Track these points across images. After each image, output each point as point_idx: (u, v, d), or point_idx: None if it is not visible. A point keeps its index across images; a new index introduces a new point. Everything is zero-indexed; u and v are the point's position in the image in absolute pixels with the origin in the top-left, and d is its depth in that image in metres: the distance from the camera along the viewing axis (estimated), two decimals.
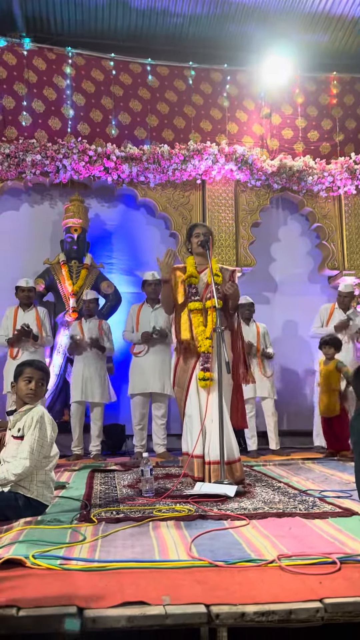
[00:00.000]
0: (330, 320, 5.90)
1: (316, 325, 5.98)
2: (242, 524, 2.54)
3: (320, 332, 5.84)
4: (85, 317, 5.69)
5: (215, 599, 1.62)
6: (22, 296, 5.57)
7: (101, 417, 5.54)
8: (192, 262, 3.99)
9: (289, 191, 6.99)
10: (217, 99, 7.06)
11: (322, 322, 5.96)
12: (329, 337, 5.32)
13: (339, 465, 4.62)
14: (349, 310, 5.94)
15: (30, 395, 2.85)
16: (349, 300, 5.96)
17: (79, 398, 5.44)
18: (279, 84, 7.02)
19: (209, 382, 3.66)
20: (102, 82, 6.82)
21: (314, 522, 2.56)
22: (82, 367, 5.49)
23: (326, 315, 5.96)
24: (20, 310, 5.56)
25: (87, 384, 5.44)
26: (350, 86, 7.42)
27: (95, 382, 5.46)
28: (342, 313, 5.91)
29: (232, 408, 3.87)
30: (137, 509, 2.89)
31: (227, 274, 3.95)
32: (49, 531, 2.44)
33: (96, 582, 1.77)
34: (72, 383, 5.53)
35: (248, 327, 5.76)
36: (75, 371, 5.53)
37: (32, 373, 2.87)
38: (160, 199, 6.70)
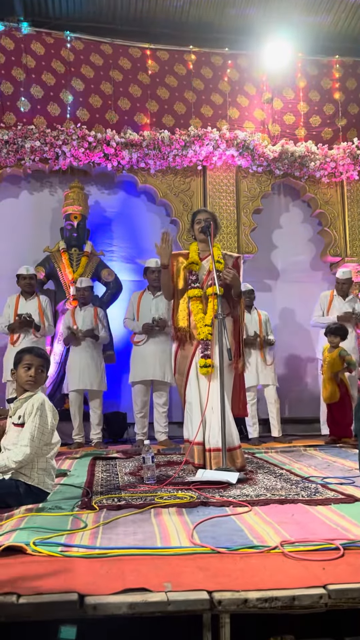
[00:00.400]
0: (330, 308, 5.86)
1: (317, 314, 5.94)
2: (244, 510, 2.53)
3: (321, 320, 5.81)
4: (80, 305, 5.65)
5: (217, 586, 1.60)
6: (23, 284, 5.53)
7: (100, 405, 5.52)
8: (195, 248, 3.95)
9: (290, 177, 6.92)
10: (218, 84, 6.97)
11: (322, 310, 5.93)
12: (336, 326, 5.30)
13: (341, 452, 4.61)
14: (348, 297, 5.90)
15: (30, 383, 2.83)
16: (347, 287, 5.91)
17: (77, 387, 5.42)
18: (280, 67, 6.92)
19: (209, 369, 3.63)
20: (102, 67, 6.72)
21: (316, 509, 2.55)
22: (78, 356, 5.46)
23: (326, 303, 5.92)
24: (21, 299, 5.52)
25: (84, 372, 5.42)
26: (353, 70, 7.31)
27: (92, 371, 5.44)
28: (342, 300, 5.87)
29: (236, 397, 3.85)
30: (139, 496, 2.88)
31: (229, 260, 3.90)
32: (50, 518, 2.43)
33: (97, 569, 1.76)
34: (69, 372, 5.51)
35: (250, 315, 5.72)
36: (72, 360, 5.50)
37: (32, 360, 2.85)
38: (160, 186, 6.64)
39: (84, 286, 5.64)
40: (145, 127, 6.65)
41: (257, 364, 5.61)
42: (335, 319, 5.64)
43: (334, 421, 5.29)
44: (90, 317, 5.56)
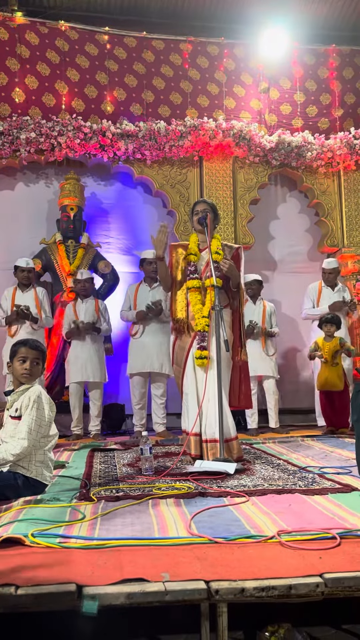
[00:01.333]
0: (320, 299, 5.85)
1: (307, 306, 5.93)
2: (241, 500, 2.54)
3: (313, 312, 5.80)
4: (81, 298, 5.64)
5: (214, 575, 1.61)
6: (21, 276, 5.49)
7: (100, 397, 5.54)
8: (194, 239, 3.94)
9: (287, 167, 6.89)
10: (214, 74, 6.92)
11: (312, 301, 5.92)
12: (331, 316, 5.31)
13: (338, 442, 4.63)
14: (336, 287, 5.89)
15: (26, 375, 2.83)
16: (333, 277, 5.90)
17: (79, 379, 5.43)
18: (276, 57, 6.87)
19: (205, 361, 3.63)
20: (97, 57, 6.67)
21: (313, 498, 2.56)
22: (80, 348, 5.47)
23: (315, 294, 5.91)
24: (18, 291, 5.50)
25: (86, 364, 5.42)
26: (350, 59, 7.27)
27: (94, 362, 5.45)
28: (331, 290, 5.86)
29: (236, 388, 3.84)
30: (137, 487, 2.89)
31: (228, 251, 3.88)
32: (48, 510, 2.43)
33: (95, 560, 1.76)
34: (71, 364, 5.51)
35: (254, 306, 5.74)
36: (73, 352, 5.50)
37: (27, 352, 2.85)
38: (157, 177, 6.61)
39: (84, 278, 5.63)
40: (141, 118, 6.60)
41: (257, 355, 5.60)
42: (327, 309, 5.64)
43: (334, 412, 5.29)
44: (92, 309, 5.56)
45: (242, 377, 3.88)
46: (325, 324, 5.28)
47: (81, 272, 5.71)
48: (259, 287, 5.85)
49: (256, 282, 5.82)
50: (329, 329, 5.27)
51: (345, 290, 5.95)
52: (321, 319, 5.36)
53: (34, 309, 5.36)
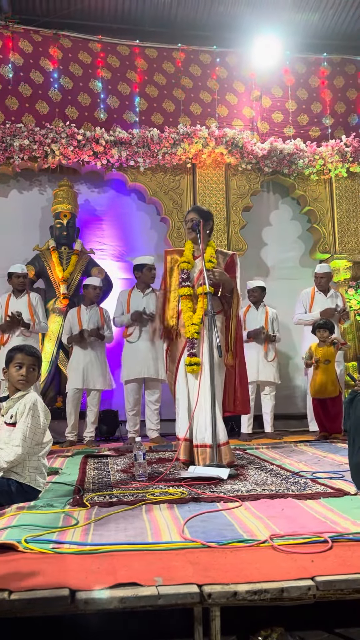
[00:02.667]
0: (312, 304, 5.89)
1: (299, 311, 5.97)
2: (234, 505, 2.55)
3: (304, 318, 5.84)
4: (85, 304, 5.65)
5: (207, 579, 1.62)
6: (16, 282, 5.49)
7: (98, 403, 5.55)
8: (189, 246, 3.96)
9: (279, 175, 6.95)
10: (207, 82, 6.98)
11: (304, 307, 5.96)
12: (324, 321, 5.35)
13: (331, 447, 4.65)
14: (329, 292, 5.94)
15: (22, 382, 2.83)
16: (325, 281, 5.94)
17: (79, 385, 5.42)
18: (268, 65, 6.94)
19: (195, 368, 3.65)
20: (90, 65, 6.72)
21: (306, 503, 2.58)
22: (82, 354, 5.46)
23: (307, 299, 5.95)
24: (12, 297, 5.50)
25: (88, 371, 5.42)
26: (340, 68, 7.35)
27: (97, 369, 5.46)
28: (323, 296, 5.90)
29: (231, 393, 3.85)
30: (130, 492, 2.90)
31: (222, 258, 3.91)
32: (41, 516, 2.44)
33: (88, 565, 1.77)
34: (72, 370, 5.50)
35: (257, 312, 5.78)
36: (75, 358, 5.50)
37: (23, 359, 2.85)
38: (150, 184, 6.64)
39: (95, 284, 5.64)
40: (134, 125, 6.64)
41: (258, 360, 5.64)
42: (318, 316, 5.68)
43: (328, 417, 5.31)
44: (97, 317, 5.57)
45: (238, 382, 3.88)
46: (318, 329, 5.32)
47: (90, 279, 5.71)
48: (262, 294, 5.90)
49: (259, 288, 5.87)
50: (322, 334, 5.30)
51: (338, 296, 5.99)
52: (314, 325, 5.39)
53: (27, 314, 5.35)
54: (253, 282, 5.95)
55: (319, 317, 5.63)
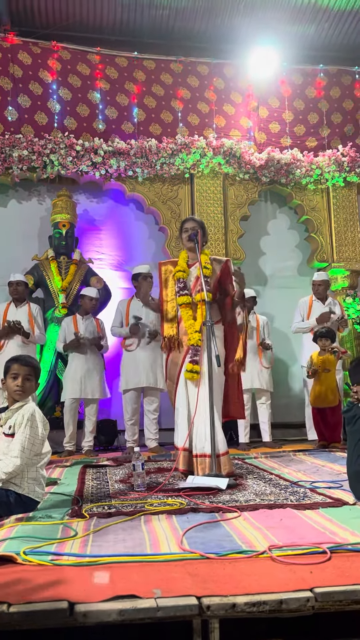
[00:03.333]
0: (310, 313, 5.91)
1: (297, 320, 5.99)
2: (233, 516, 2.55)
3: (302, 326, 5.85)
4: (81, 314, 5.66)
5: (206, 591, 1.62)
6: (10, 290, 5.53)
7: (96, 413, 5.55)
8: (184, 256, 4.00)
9: (277, 184, 7.00)
10: (204, 93, 7.04)
11: (302, 316, 5.98)
12: (325, 330, 5.36)
13: (330, 456, 4.65)
14: (327, 300, 5.96)
15: (18, 392, 2.84)
16: (323, 289, 5.97)
17: (77, 395, 5.42)
18: (265, 76, 7.01)
19: (195, 375, 3.66)
20: (88, 76, 6.77)
21: (305, 513, 2.58)
22: (79, 364, 5.46)
23: (305, 308, 5.97)
24: (12, 306, 5.52)
25: (85, 380, 5.43)
26: (337, 79, 7.42)
27: (94, 379, 5.46)
28: (321, 304, 5.92)
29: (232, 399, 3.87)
30: (129, 503, 2.90)
31: (217, 264, 3.94)
32: (40, 527, 2.43)
33: (87, 577, 1.77)
34: (68, 379, 5.50)
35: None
36: (72, 368, 5.50)
37: (18, 369, 2.86)
38: (148, 194, 6.68)
39: (95, 296, 5.66)
40: (132, 136, 6.69)
41: (253, 368, 5.64)
42: (315, 322, 5.69)
43: (327, 426, 5.30)
44: (92, 327, 5.58)
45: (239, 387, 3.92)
46: (320, 337, 5.33)
47: (88, 289, 5.73)
48: (253, 303, 5.92)
49: (252, 298, 5.89)
50: (323, 342, 5.31)
51: (336, 304, 6.02)
52: (315, 333, 5.40)
53: (26, 324, 5.37)
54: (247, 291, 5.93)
55: (315, 324, 5.65)
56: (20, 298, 5.53)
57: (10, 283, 5.53)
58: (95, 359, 5.55)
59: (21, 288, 5.54)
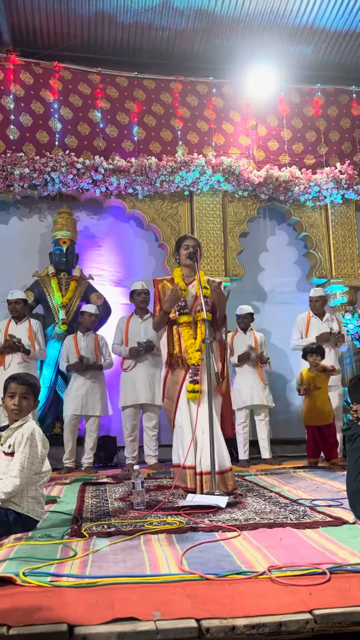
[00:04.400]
0: (309, 330, 5.93)
1: (295, 337, 6.01)
2: (233, 535, 2.55)
3: (301, 343, 5.87)
4: (82, 331, 5.68)
5: (205, 613, 1.62)
6: (9, 309, 5.56)
7: (97, 430, 5.54)
8: (179, 273, 4.02)
9: (276, 201, 7.06)
10: (204, 111, 7.13)
11: (300, 332, 6.00)
12: (316, 346, 5.37)
13: (330, 473, 4.64)
14: (324, 316, 5.98)
15: (15, 411, 2.85)
16: (320, 305, 6.01)
17: (77, 412, 5.42)
18: (264, 95, 7.11)
19: (197, 395, 3.67)
20: (89, 96, 6.87)
21: (304, 532, 2.58)
22: (82, 381, 5.47)
23: (303, 325, 5.99)
24: (12, 323, 5.54)
25: (87, 397, 5.43)
26: (334, 98, 7.53)
27: (95, 396, 5.47)
28: (319, 320, 5.95)
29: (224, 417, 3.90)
30: (129, 522, 2.89)
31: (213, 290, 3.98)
32: (39, 547, 2.43)
33: (87, 599, 1.77)
34: (70, 395, 5.50)
35: (245, 336, 5.82)
36: (75, 385, 5.51)
37: (15, 388, 2.87)
38: (148, 211, 6.74)
39: (93, 312, 5.69)
40: (132, 154, 6.77)
41: (252, 384, 5.65)
42: (314, 340, 5.71)
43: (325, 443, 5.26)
44: (92, 343, 5.60)
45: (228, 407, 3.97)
46: (310, 354, 5.32)
47: (89, 306, 5.76)
48: (251, 320, 5.95)
49: (249, 315, 5.92)
50: (314, 359, 5.31)
51: (334, 320, 6.05)
52: (305, 350, 5.40)
53: (26, 340, 5.38)
54: (245, 307, 5.97)
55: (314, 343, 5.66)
56: (20, 315, 5.55)
57: (9, 302, 5.55)
58: (96, 376, 5.56)
59: (19, 306, 5.56)
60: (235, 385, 5.72)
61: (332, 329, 5.85)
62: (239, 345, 5.78)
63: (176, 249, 4.10)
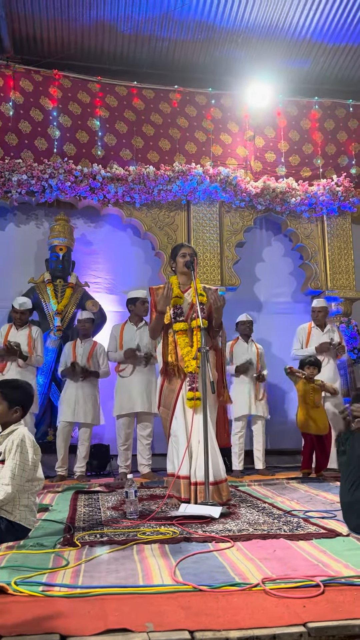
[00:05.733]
0: (309, 340, 5.95)
1: (296, 347, 6.03)
2: (226, 546, 2.54)
3: (301, 353, 5.89)
4: (81, 338, 5.68)
5: (199, 625, 1.61)
6: (15, 317, 5.55)
7: (89, 438, 5.52)
8: (175, 281, 4.03)
9: (272, 212, 7.10)
10: (202, 122, 7.18)
11: (300, 343, 6.02)
12: (312, 358, 5.38)
13: (323, 485, 4.63)
14: (325, 327, 6.01)
15: None
16: (322, 316, 6.04)
17: (70, 419, 5.40)
18: (262, 107, 7.17)
19: (197, 402, 3.67)
20: (89, 104, 6.90)
21: (298, 544, 2.57)
22: (75, 388, 5.46)
23: (304, 335, 6.02)
24: (13, 328, 5.53)
25: (79, 404, 5.41)
26: (331, 111, 7.60)
27: (88, 404, 5.45)
28: (320, 331, 5.97)
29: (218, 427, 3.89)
30: (121, 531, 2.87)
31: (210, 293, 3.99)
32: (31, 556, 2.41)
33: (79, 609, 1.75)
34: (63, 403, 5.48)
35: (247, 345, 5.84)
36: (69, 391, 5.49)
37: None
38: (145, 219, 6.76)
39: (85, 318, 5.69)
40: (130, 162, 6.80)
41: (249, 395, 5.65)
42: (314, 351, 5.73)
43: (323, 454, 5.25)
44: (88, 350, 5.58)
45: (225, 416, 3.98)
46: (307, 366, 5.34)
47: (82, 313, 5.75)
48: (252, 328, 5.98)
49: (250, 322, 5.95)
50: (311, 371, 5.32)
51: (335, 331, 6.07)
52: (302, 361, 5.42)
53: (25, 347, 5.37)
54: (244, 315, 6.03)
55: (314, 353, 5.69)
56: (23, 324, 5.55)
57: (16, 310, 5.53)
58: (90, 384, 5.54)
59: (25, 316, 5.58)
60: (232, 395, 5.71)
61: (332, 340, 5.87)
62: (240, 354, 5.79)
63: (172, 257, 4.11)
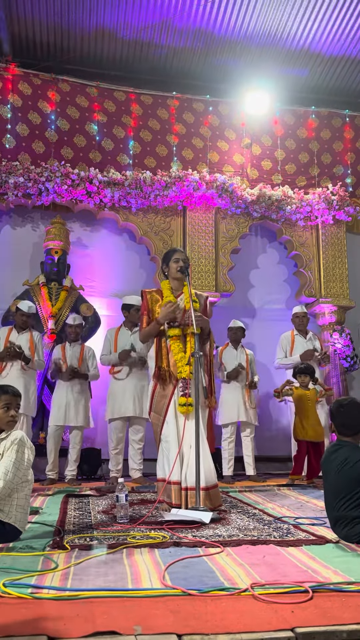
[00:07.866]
0: (293, 348, 5.97)
1: (280, 356, 6.05)
2: (216, 551, 2.54)
3: (285, 362, 5.91)
4: (70, 341, 5.68)
5: (187, 629, 1.61)
6: (20, 320, 5.50)
7: (80, 441, 5.50)
8: (168, 286, 4.03)
9: (267, 219, 7.14)
10: (199, 129, 7.23)
11: (284, 351, 6.03)
12: (304, 366, 5.41)
13: (314, 491, 4.64)
14: (307, 335, 6.04)
15: (12, 423, 2.84)
16: (306, 321, 6.08)
17: (61, 422, 5.38)
18: (259, 115, 7.22)
19: (190, 408, 3.67)
20: (87, 109, 6.93)
21: (288, 550, 2.57)
22: (65, 391, 5.45)
23: (288, 344, 6.03)
24: (14, 332, 5.50)
25: (69, 407, 5.40)
26: (327, 121, 7.66)
27: (79, 407, 5.44)
28: (303, 339, 6.00)
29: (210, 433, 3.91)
30: (111, 535, 2.87)
31: (202, 299, 4.02)
32: (20, 558, 2.40)
33: (67, 612, 1.75)
34: (54, 406, 5.47)
35: (236, 352, 5.84)
36: (58, 394, 5.48)
37: (10, 400, 2.86)
38: (141, 224, 6.78)
39: (76, 323, 5.67)
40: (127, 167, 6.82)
41: (239, 401, 5.66)
42: (298, 359, 5.75)
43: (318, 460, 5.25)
44: (78, 353, 5.58)
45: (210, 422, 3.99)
46: (299, 374, 5.36)
47: (74, 318, 5.74)
48: (242, 334, 5.99)
49: (241, 328, 5.96)
50: (303, 379, 5.34)
51: (316, 339, 6.11)
52: (295, 370, 5.44)
53: (27, 350, 5.35)
54: (236, 322, 6.04)
55: (299, 361, 5.71)
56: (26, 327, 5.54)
57: (21, 312, 5.49)
58: (81, 387, 5.53)
59: (31, 320, 5.58)
60: (222, 401, 5.73)
61: (315, 348, 5.90)
62: (229, 360, 5.80)
63: (164, 262, 4.12)
